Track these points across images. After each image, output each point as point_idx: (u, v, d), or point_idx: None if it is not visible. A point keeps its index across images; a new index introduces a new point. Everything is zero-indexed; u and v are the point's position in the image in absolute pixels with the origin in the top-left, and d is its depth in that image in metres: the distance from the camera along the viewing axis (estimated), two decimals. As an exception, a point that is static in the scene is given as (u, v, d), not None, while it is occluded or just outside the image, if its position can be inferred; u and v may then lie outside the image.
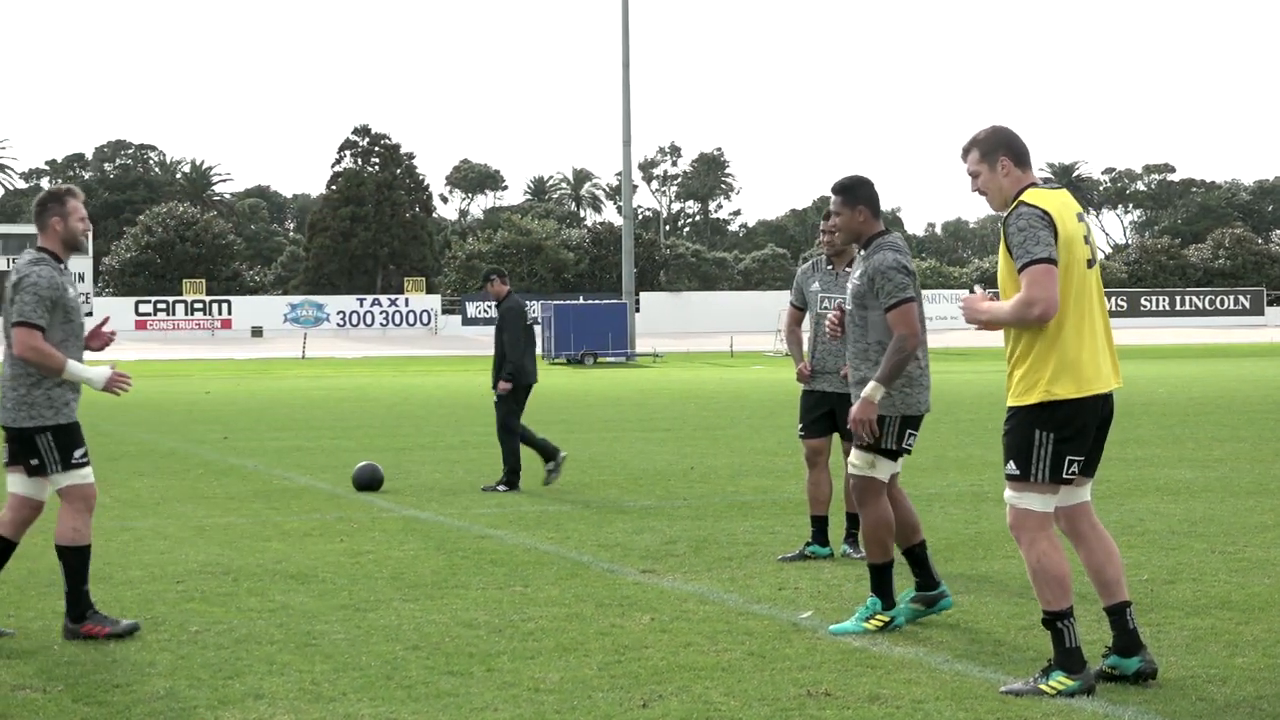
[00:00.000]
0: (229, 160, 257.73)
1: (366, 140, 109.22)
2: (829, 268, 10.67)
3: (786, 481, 15.24)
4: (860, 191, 8.43)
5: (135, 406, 29.93)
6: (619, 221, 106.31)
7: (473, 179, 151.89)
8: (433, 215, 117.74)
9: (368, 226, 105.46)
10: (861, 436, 8.22)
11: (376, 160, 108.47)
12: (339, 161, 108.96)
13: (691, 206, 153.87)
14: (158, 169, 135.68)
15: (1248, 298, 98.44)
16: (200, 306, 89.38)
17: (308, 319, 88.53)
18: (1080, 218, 6.96)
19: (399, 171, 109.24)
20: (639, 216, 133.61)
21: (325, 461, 18.06)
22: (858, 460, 8.34)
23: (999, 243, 6.97)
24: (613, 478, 15.99)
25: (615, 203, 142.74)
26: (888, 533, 8.32)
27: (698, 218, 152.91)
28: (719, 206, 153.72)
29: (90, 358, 8.62)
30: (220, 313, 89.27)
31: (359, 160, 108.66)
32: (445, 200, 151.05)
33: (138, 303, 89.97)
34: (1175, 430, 20.90)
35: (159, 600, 9.27)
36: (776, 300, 73.87)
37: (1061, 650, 6.81)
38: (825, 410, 10.63)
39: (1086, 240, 6.93)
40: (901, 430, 8.36)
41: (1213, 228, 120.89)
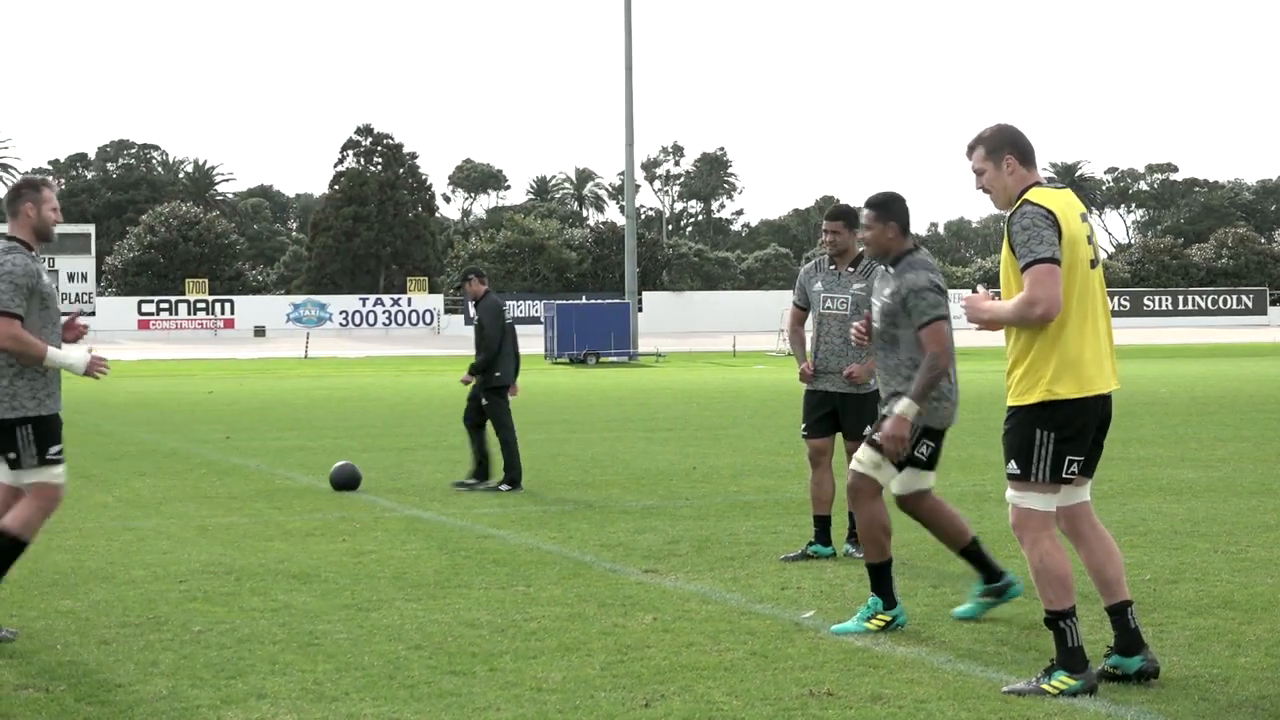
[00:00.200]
0: (232, 160, 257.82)
1: (369, 140, 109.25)
2: (831, 268, 10.67)
3: (789, 481, 15.24)
4: (893, 208, 8.55)
5: (138, 406, 29.96)
6: (621, 221, 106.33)
7: (475, 179, 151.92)
8: (435, 215, 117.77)
9: (370, 226, 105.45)
10: (894, 454, 8.23)
11: (379, 160, 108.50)
12: (342, 161, 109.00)
13: (694, 206, 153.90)
14: (161, 169, 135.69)
15: (1250, 297, 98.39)
16: (203, 306, 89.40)
17: (310, 319, 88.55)
18: (1084, 218, 6.96)
19: (402, 171, 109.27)
20: (641, 216, 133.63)
21: (328, 461, 18.02)
22: (864, 458, 8.34)
23: (1002, 242, 6.97)
24: (615, 477, 16.00)
25: (618, 202, 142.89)
26: (882, 532, 8.34)
27: (700, 217, 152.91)
28: (721, 206, 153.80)
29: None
30: (223, 312, 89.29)
31: (362, 160, 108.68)
32: (448, 200, 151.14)
33: (140, 302, 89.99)
34: (1178, 430, 20.89)
35: (162, 600, 9.27)
36: (779, 300, 73.86)
37: (1064, 650, 6.81)
38: (828, 410, 10.63)
39: (1090, 240, 6.93)
40: (919, 439, 8.38)
41: (1215, 227, 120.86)
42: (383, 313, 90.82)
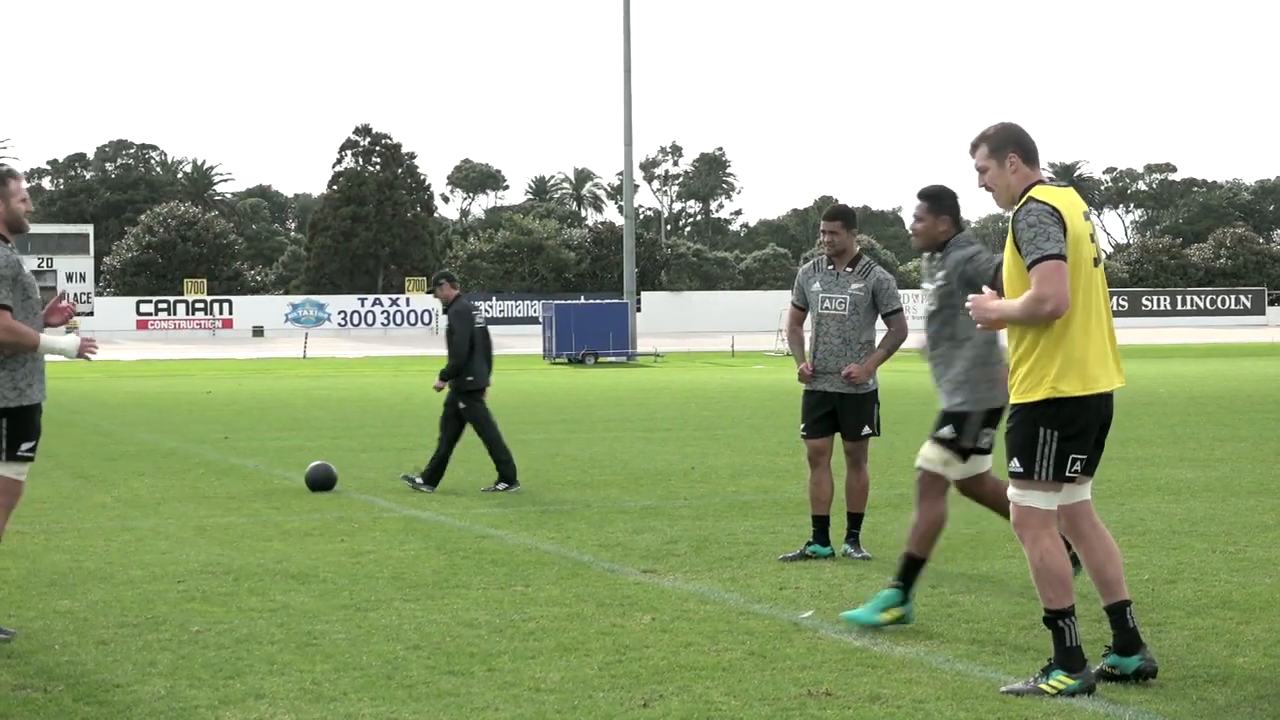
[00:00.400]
0: (230, 160, 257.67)
1: (368, 140, 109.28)
2: (829, 268, 10.67)
3: (787, 481, 15.23)
4: (946, 201, 8.61)
5: (136, 406, 29.96)
6: (620, 221, 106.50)
7: (474, 179, 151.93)
8: (434, 215, 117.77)
9: (369, 226, 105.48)
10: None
11: (378, 160, 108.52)
12: (340, 161, 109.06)
13: (693, 206, 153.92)
14: (159, 169, 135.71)
15: (1249, 297, 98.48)
16: (201, 306, 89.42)
17: (309, 319, 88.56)
18: (1086, 216, 6.96)
19: (400, 171, 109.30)
20: (640, 216, 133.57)
21: (326, 461, 18.04)
22: (932, 455, 8.33)
23: (1005, 240, 6.95)
24: (613, 477, 15.99)
25: (616, 202, 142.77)
26: (938, 531, 8.34)
27: (699, 217, 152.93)
28: (720, 206, 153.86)
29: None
30: (221, 312, 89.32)
31: (360, 160, 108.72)
32: (446, 200, 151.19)
33: (139, 302, 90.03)
34: (1176, 430, 20.90)
35: (160, 600, 9.26)
36: (777, 300, 73.87)
37: (1062, 649, 6.81)
38: (827, 410, 10.64)
39: (1092, 239, 6.93)
40: (982, 428, 8.35)
41: (1214, 227, 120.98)
42: (381, 313, 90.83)
